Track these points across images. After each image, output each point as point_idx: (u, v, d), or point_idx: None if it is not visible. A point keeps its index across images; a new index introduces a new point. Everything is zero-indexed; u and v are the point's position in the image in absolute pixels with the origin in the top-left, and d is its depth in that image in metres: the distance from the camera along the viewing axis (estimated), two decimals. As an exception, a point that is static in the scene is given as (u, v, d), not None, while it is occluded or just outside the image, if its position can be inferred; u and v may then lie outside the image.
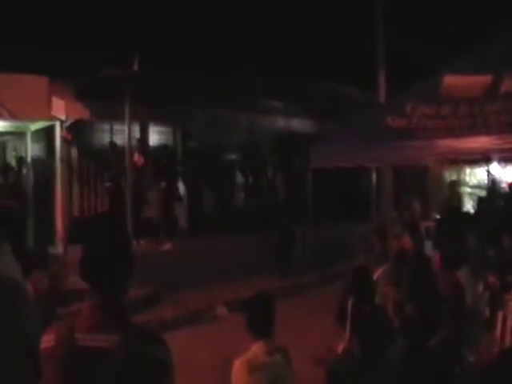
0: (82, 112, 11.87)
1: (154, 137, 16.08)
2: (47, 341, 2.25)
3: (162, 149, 15.96)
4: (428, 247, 8.42)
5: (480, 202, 14.34)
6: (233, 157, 17.27)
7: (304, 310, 10.35)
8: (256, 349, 3.62)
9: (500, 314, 5.92)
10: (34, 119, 12.43)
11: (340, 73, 15.90)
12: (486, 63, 6.73)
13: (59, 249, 11.24)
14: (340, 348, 4.58)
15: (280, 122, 17.32)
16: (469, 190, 15.47)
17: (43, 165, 13.17)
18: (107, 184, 13.22)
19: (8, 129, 13.11)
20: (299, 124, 17.44)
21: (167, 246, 12.58)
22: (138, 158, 13.22)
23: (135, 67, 12.21)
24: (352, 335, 3.52)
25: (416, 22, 16.89)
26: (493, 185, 14.01)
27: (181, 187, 14.42)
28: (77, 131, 12.85)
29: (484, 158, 7.12)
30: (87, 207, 13.36)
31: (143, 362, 2.16)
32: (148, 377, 2.17)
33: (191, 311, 10.33)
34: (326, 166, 9.99)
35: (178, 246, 12.62)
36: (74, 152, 13.26)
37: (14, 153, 14.42)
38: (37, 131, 13.49)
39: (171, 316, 10.10)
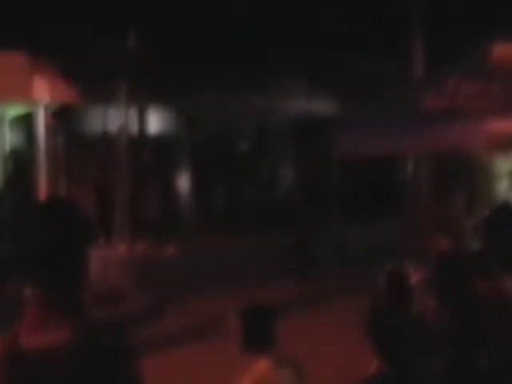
0: (69, 95, 11.86)
1: (155, 123, 16.07)
2: None
3: (162, 137, 15.94)
4: (474, 248, 8.34)
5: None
6: (246, 145, 17.24)
7: (326, 320, 10.38)
8: (262, 365, 3.64)
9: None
10: (11, 103, 12.41)
11: (368, 45, 15.80)
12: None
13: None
14: (373, 366, 4.54)
15: (300, 104, 17.25)
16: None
17: (24, 157, 13.20)
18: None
19: (-19, 115, 13.12)
20: (322, 106, 17.37)
21: (171, 250, 12.58)
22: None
23: (130, 43, 12.21)
24: (381, 351, 3.48)
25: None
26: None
27: (185, 181, 14.40)
28: (64, 117, 12.86)
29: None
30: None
31: (99, 350, 2.21)
32: (106, 364, 2.21)
33: (199, 323, 10.39)
34: (354, 158, 9.96)
35: (182, 250, 12.62)
36: (61, 142, 13.26)
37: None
38: (16, 118, 13.49)
39: (177, 329, 10.22)
